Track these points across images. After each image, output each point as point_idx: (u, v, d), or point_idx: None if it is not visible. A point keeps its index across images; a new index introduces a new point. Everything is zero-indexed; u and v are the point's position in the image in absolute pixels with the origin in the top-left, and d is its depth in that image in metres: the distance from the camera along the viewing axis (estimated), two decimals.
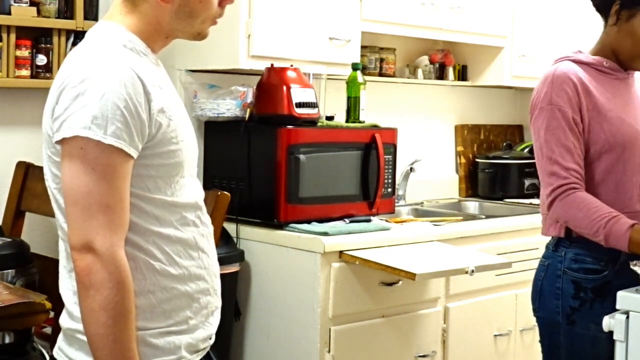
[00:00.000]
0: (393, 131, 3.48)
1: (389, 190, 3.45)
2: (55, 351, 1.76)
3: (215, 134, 3.42)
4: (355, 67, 3.51)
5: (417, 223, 3.49)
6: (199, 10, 1.73)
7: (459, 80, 4.46)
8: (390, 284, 3.17)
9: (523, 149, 4.63)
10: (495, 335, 3.64)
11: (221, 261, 1.87)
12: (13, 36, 3.12)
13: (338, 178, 3.28)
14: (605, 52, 2.49)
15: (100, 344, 1.58)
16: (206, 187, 2.21)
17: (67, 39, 3.25)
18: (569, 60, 2.47)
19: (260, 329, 3.23)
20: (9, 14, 3.11)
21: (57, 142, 1.62)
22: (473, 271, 3.02)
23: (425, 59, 4.34)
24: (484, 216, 3.95)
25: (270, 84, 3.22)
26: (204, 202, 1.82)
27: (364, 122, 3.48)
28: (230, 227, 3.21)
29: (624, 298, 2.18)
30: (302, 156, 3.14)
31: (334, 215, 3.25)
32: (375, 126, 3.45)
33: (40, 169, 2.90)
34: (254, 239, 3.22)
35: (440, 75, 4.40)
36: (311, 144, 3.18)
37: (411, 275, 2.89)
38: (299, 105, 3.18)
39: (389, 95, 4.22)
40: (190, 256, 1.74)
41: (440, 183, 4.51)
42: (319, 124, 3.30)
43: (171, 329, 1.71)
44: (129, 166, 1.62)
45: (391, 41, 4.08)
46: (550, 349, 2.51)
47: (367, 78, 3.65)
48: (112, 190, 1.58)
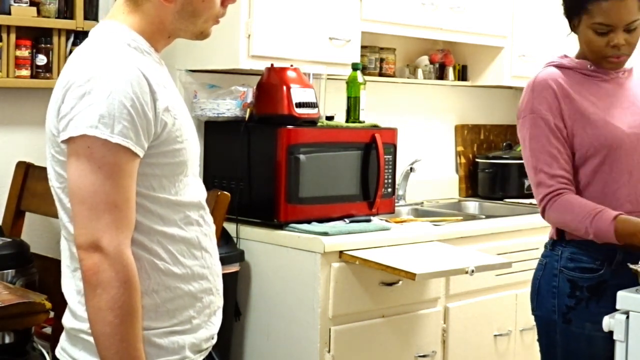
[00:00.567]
0: (393, 131, 3.48)
1: (389, 190, 3.45)
2: (58, 351, 1.76)
3: (215, 134, 3.42)
4: (355, 67, 3.51)
5: (417, 223, 3.49)
6: (202, 10, 1.73)
7: (459, 80, 4.46)
8: (390, 284, 3.17)
9: None
10: (495, 335, 3.64)
11: (221, 261, 1.86)
12: (13, 36, 3.12)
13: (338, 178, 3.28)
14: (585, 55, 2.50)
15: (106, 343, 1.58)
16: (206, 187, 2.19)
17: (67, 39, 3.25)
18: (552, 65, 2.50)
19: (260, 329, 3.23)
20: (9, 14, 3.11)
21: (64, 142, 1.61)
22: (473, 271, 3.02)
23: (425, 59, 4.34)
24: (484, 216, 3.96)
25: (270, 84, 3.22)
26: None
27: (364, 122, 3.48)
28: (230, 227, 3.21)
29: (624, 298, 2.18)
30: (302, 156, 3.13)
31: (334, 215, 3.25)
32: (375, 126, 3.45)
33: (41, 169, 2.90)
34: (254, 239, 3.22)
35: (440, 75, 4.40)
36: (311, 144, 3.18)
37: (411, 275, 2.89)
38: (299, 105, 3.18)
39: (389, 95, 4.22)
40: (194, 256, 1.74)
41: (440, 183, 4.51)
42: (319, 124, 3.30)
43: (175, 329, 1.71)
44: (136, 165, 1.61)
45: (391, 41, 4.08)
46: (548, 347, 2.52)
47: (367, 78, 3.65)
48: (119, 189, 1.58)
